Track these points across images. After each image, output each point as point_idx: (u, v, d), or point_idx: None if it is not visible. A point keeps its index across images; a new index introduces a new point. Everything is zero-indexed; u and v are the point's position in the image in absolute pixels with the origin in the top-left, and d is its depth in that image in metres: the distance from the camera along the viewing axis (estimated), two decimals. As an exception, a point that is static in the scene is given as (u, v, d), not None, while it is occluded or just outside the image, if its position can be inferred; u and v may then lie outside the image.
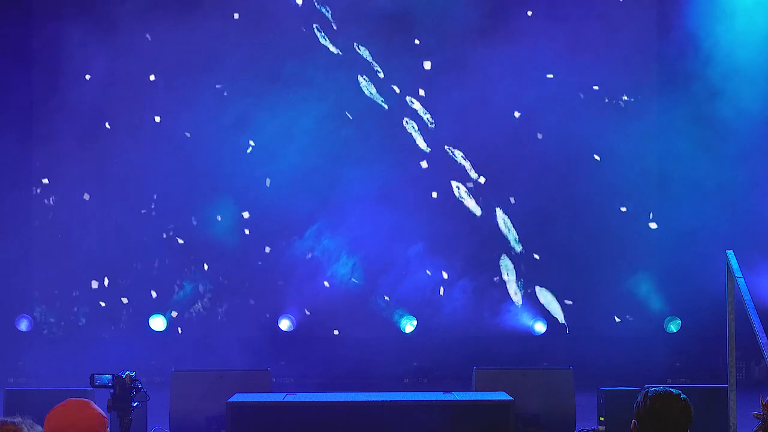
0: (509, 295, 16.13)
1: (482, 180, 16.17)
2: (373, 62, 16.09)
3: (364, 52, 16.06)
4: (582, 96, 16.08)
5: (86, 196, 15.99)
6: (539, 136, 16.12)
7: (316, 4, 16.14)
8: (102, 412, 4.61)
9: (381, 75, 16.07)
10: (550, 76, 16.02)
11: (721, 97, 15.42)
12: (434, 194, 16.17)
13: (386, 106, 16.09)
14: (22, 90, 15.99)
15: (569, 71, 15.87)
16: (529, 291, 16.16)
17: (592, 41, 15.93)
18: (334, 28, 16.15)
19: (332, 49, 16.13)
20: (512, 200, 16.17)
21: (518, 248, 16.17)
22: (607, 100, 16.16)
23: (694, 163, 15.63)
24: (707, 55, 15.51)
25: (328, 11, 16.12)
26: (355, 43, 16.11)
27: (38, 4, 16.18)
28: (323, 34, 16.09)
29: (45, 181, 15.99)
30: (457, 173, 16.18)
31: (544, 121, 16.04)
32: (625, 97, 16.20)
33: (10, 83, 15.80)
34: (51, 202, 16.07)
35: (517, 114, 16.04)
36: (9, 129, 15.80)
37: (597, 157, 16.14)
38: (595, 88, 16.11)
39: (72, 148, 15.90)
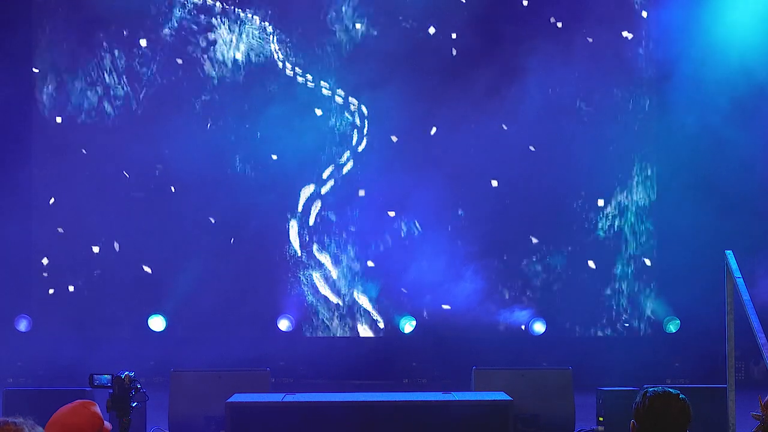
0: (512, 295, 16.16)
1: (495, 183, 16.20)
2: None
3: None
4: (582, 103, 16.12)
5: (85, 196, 16.02)
6: (532, 148, 16.17)
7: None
8: (100, 416, 4.61)
9: None
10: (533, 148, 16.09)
11: (721, 95, 15.47)
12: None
13: None
14: (22, 91, 16.04)
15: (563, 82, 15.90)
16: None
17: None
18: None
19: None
20: (527, 201, 16.21)
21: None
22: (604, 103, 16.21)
23: (694, 163, 15.66)
24: (706, 58, 15.55)
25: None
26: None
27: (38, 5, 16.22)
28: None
29: (51, 200, 16.03)
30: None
31: (536, 134, 16.08)
32: (621, 103, 16.24)
33: (9, 84, 15.81)
34: (50, 202, 16.07)
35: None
36: (8, 129, 15.83)
37: (595, 157, 16.19)
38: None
39: (71, 149, 15.92)
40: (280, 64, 16.10)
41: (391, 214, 15.90)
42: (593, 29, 15.98)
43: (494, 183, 16.08)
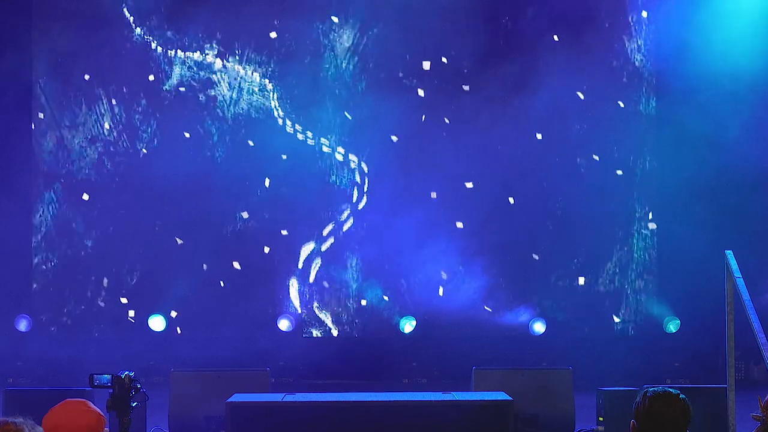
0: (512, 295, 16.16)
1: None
2: None
3: None
4: (581, 97, 16.12)
5: (85, 196, 16.01)
6: (539, 136, 16.18)
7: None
8: (99, 411, 4.62)
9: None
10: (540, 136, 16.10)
11: (719, 95, 15.48)
12: (433, 194, 16.20)
13: None
14: (21, 91, 16.05)
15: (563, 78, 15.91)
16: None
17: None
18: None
19: None
20: (511, 200, 16.21)
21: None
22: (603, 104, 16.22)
23: (694, 163, 15.67)
24: (707, 60, 15.56)
25: None
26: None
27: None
28: None
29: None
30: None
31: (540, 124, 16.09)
32: (621, 104, 16.24)
33: (8, 83, 15.82)
34: (50, 202, 16.07)
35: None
36: (8, 128, 15.83)
37: (596, 157, 16.20)
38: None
39: (72, 146, 15.93)
40: (281, 121, 16.11)
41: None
42: (592, 36, 15.98)
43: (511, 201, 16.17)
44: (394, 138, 15.98)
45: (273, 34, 16.00)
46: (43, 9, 16.16)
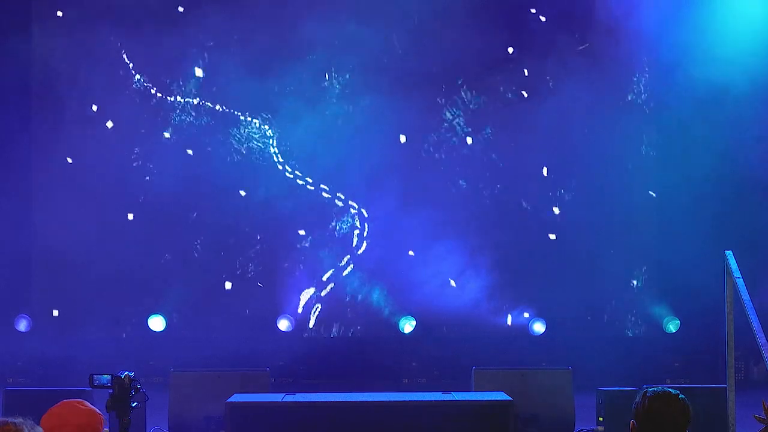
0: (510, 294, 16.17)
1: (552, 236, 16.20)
2: None
3: None
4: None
5: (86, 197, 16.03)
6: (543, 140, 16.19)
7: None
8: (97, 411, 4.62)
9: None
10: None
11: (719, 97, 15.48)
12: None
13: None
14: (21, 92, 16.05)
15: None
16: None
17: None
18: None
19: None
20: (524, 203, 16.24)
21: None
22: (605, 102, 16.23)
23: (693, 163, 15.67)
24: (707, 61, 15.57)
25: None
26: None
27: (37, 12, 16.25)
28: None
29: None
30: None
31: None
32: (624, 107, 16.25)
33: (8, 84, 15.83)
34: (51, 202, 16.08)
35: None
36: (7, 127, 15.84)
37: (598, 158, 16.21)
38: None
39: (70, 148, 15.94)
40: (280, 167, 16.11)
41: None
42: (599, 41, 15.99)
43: (552, 236, 16.12)
44: (402, 138, 15.97)
45: (271, 82, 15.96)
46: (44, 10, 16.19)
